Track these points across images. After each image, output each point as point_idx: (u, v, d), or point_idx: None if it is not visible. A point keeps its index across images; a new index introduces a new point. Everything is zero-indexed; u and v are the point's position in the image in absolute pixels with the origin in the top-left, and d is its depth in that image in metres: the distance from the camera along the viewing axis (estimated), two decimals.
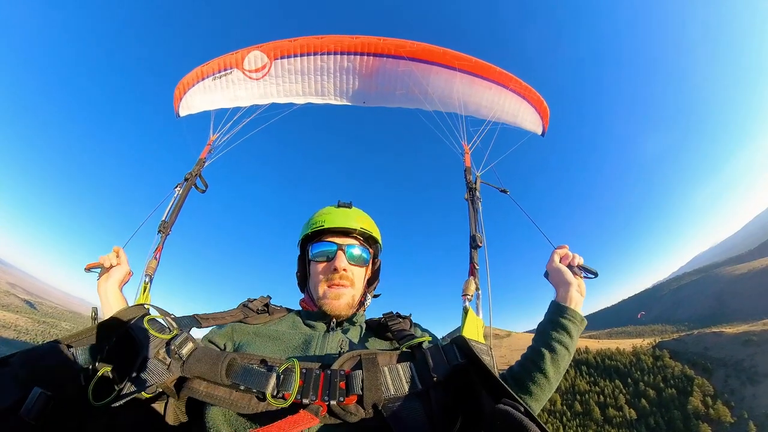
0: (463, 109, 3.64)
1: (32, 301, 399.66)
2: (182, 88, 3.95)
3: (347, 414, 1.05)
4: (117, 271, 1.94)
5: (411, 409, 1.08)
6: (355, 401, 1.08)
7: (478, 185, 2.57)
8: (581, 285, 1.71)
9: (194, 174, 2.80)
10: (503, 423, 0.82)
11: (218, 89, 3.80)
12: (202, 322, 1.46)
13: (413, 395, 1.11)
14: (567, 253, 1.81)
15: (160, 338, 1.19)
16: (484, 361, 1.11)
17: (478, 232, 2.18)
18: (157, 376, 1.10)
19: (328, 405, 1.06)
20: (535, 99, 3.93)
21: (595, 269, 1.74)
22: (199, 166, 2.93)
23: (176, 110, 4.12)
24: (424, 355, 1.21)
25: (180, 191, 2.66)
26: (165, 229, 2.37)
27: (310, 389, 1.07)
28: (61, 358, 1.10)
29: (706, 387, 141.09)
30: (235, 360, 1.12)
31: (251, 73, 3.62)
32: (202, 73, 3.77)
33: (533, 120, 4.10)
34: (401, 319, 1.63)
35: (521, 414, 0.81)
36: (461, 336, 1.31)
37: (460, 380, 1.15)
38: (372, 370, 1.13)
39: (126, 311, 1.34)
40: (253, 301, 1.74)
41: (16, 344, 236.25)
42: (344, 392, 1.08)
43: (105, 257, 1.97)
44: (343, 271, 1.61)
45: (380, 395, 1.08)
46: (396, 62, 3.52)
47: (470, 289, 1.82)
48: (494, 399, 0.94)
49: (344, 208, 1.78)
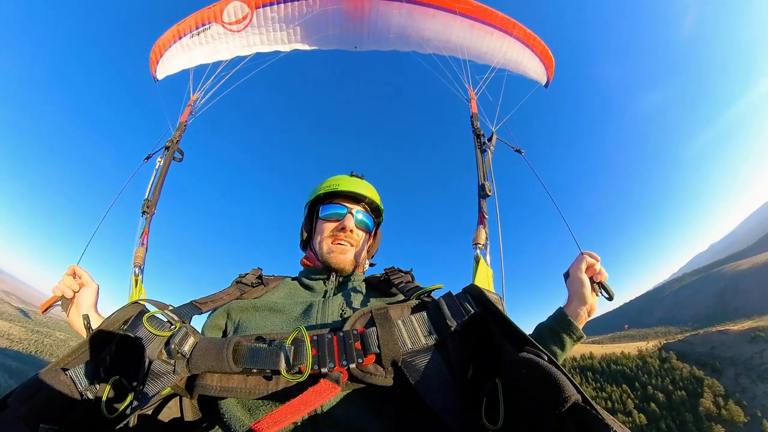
0: (463, 53, 3.40)
1: (26, 310, 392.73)
2: (158, 50, 3.70)
3: (368, 375, 1.01)
4: (84, 296, 1.70)
5: (430, 361, 1.03)
6: (373, 360, 1.03)
7: (493, 141, 2.48)
8: (594, 306, 1.59)
9: (175, 140, 2.59)
10: (528, 370, 0.79)
11: (197, 46, 3.57)
12: (202, 307, 1.39)
13: (431, 347, 1.07)
14: (595, 266, 1.64)
15: (161, 336, 1.12)
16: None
17: (487, 180, 2.15)
18: (164, 379, 1.05)
19: (348, 369, 1.01)
20: (540, 48, 3.74)
21: (613, 292, 1.62)
22: (180, 131, 2.71)
23: (153, 74, 3.84)
24: (437, 304, 1.17)
25: (161, 161, 2.42)
26: (149, 208, 2.19)
27: (326, 356, 1.01)
28: (57, 385, 0.98)
29: (717, 387, 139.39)
30: (240, 343, 1.06)
31: (232, 25, 3.39)
32: (178, 32, 3.54)
33: (537, 70, 3.89)
34: (403, 273, 1.62)
35: (545, 361, 0.79)
36: (474, 285, 1.23)
37: (476, 329, 1.09)
38: (386, 326, 1.08)
39: (121, 312, 1.21)
40: (245, 275, 1.70)
41: (9, 353, 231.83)
42: (361, 353, 1.02)
43: (61, 286, 1.67)
44: (350, 232, 1.68)
45: (398, 350, 1.04)
46: (389, 4, 3.29)
47: (481, 238, 1.84)
48: (516, 347, 0.91)
49: (357, 178, 1.86)
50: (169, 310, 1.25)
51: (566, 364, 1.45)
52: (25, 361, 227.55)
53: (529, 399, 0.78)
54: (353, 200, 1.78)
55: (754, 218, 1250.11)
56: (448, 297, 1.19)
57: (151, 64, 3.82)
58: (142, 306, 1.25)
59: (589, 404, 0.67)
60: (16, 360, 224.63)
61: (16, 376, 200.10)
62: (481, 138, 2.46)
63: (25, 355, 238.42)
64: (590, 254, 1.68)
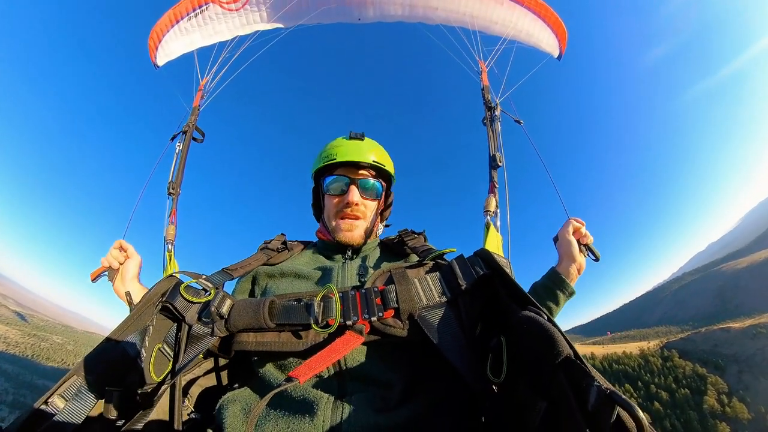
0: (472, 24, 3.32)
1: (23, 314, 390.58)
2: (156, 36, 3.66)
3: (388, 327, 1.12)
4: (129, 266, 1.83)
5: (443, 316, 1.13)
6: (392, 315, 1.13)
7: (498, 112, 2.58)
8: (582, 264, 1.74)
9: (191, 124, 2.74)
10: (529, 327, 0.88)
11: (196, 28, 3.56)
12: (233, 273, 1.48)
13: (444, 303, 1.17)
14: (581, 229, 1.80)
15: (198, 303, 1.24)
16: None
17: (498, 151, 2.23)
18: (204, 341, 1.17)
19: (370, 322, 1.12)
20: (552, 19, 3.64)
21: (599, 253, 1.77)
22: (195, 116, 2.85)
23: (153, 60, 3.77)
24: (450, 265, 1.26)
25: (180, 146, 2.57)
26: (175, 189, 2.34)
27: (350, 310, 1.13)
28: (115, 354, 1.15)
29: (720, 384, 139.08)
30: (274, 302, 1.18)
31: (229, 4, 3.37)
32: (175, 16, 3.53)
33: (550, 42, 3.79)
34: (416, 235, 1.69)
35: (545, 320, 0.87)
36: (484, 248, 1.33)
37: (485, 290, 1.18)
38: (404, 283, 1.19)
39: (158, 286, 1.32)
40: (270, 241, 1.79)
41: (5, 357, 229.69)
42: (381, 308, 1.13)
43: (109, 258, 1.82)
44: (355, 206, 1.62)
45: (414, 305, 1.14)
46: None
47: (491, 205, 1.95)
48: (519, 307, 0.99)
49: (356, 140, 1.70)
50: (203, 279, 1.36)
51: None
52: (22, 364, 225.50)
53: (529, 352, 0.88)
54: (355, 167, 1.67)
55: (751, 216, 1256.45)
56: (460, 259, 1.28)
57: (150, 51, 3.75)
58: (177, 278, 1.36)
59: (579, 359, 0.75)
60: (12, 363, 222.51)
61: (12, 379, 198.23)
62: (493, 111, 2.52)
63: (21, 359, 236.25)
64: (576, 219, 1.83)
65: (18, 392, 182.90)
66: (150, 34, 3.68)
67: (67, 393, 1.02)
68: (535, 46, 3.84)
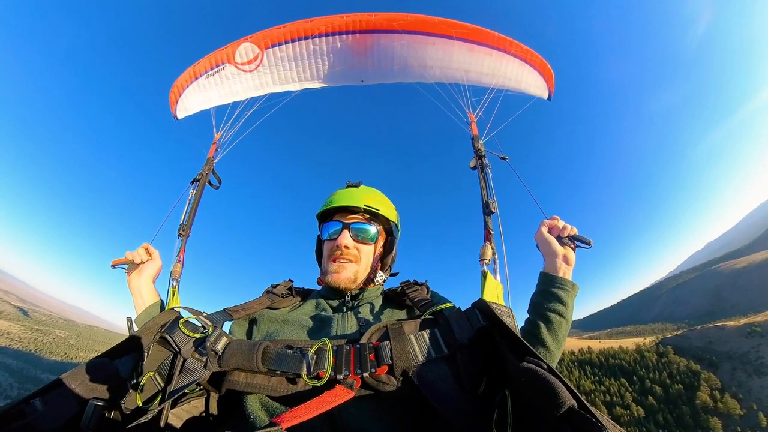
0: (465, 79, 3.56)
1: (26, 309, 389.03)
2: (177, 91, 3.90)
3: (380, 384, 1.10)
4: (149, 266, 1.94)
5: (439, 372, 1.10)
6: (386, 371, 1.11)
7: (483, 153, 2.63)
8: (568, 255, 1.75)
9: (205, 174, 2.81)
10: (528, 379, 0.84)
11: (213, 86, 3.77)
12: (233, 314, 1.50)
13: (440, 359, 1.14)
14: (555, 224, 1.83)
15: (195, 338, 1.26)
16: (505, 322, 1.14)
17: (490, 198, 2.22)
18: (195, 373, 1.16)
19: (362, 377, 1.10)
20: (538, 62, 3.82)
21: (589, 239, 1.76)
22: (209, 165, 2.94)
23: (173, 113, 4.03)
24: (447, 320, 1.25)
25: (193, 192, 2.66)
26: (185, 231, 2.39)
27: (343, 364, 1.11)
28: (109, 371, 1.17)
29: (713, 381, 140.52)
30: (269, 347, 1.16)
31: (244, 65, 3.60)
32: (194, 73, 3.74)
33: (538, 84, 3.98)
34: (418, 286, 1.70)
35: (544, 370, 0.84)
36: (482, 299, 1.34)
37: (484, 343, 1.16)
38: (399, 339, 1.17)
39: (159, 318, 1.37)
40: (276, 286, 1.82)
41: (8, 352, 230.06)
42: (375, 364, 1.12)
43: (134, 253, 1.93)
44: (345, 248, 1.69)
45: (409, 362, 1.12)
46: (390, 37, 3.44)
47: (487, 254, 1.86)
48: (518, 358, 0.95)
49: (351, 187, 1.86)
50: (203, 316, 1.39)
51: (565, 358, 1.56)
52: (26, 359, 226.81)
53: (530, 406, 0.84)
54: (349, 212, 1.77)
55: (751, 217, 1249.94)
56: (458, 313, 1.28)
57: (171, 104, 4.00)
58: (177, 313, 1.42)
59: (585, 408, 0.71)
60: (15, 358, 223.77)
61: (16, 374, 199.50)
62: (483, 158, 2.57)
63: (24, 353, 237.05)
64: (551, 217, 1.89)
65: (22, 386, 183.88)
66: (171, 88, 3.92)
67: (48, 397, 1.03)
68: (524, 92, 3.98)
